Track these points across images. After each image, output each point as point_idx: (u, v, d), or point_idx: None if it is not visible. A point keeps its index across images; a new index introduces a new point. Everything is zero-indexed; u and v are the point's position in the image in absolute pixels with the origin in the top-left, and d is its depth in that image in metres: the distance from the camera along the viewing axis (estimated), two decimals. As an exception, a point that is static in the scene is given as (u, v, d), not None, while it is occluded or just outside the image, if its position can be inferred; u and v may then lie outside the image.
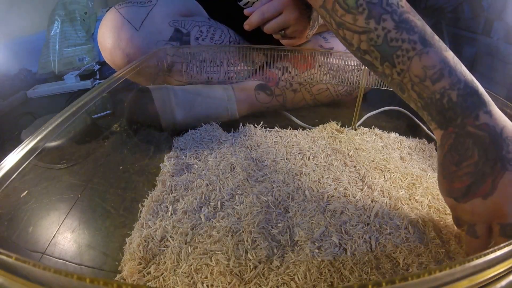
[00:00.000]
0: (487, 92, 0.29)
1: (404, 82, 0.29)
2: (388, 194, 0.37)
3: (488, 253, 0.16)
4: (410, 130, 0.53)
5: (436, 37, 0.30)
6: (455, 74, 0.28)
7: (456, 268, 0.15)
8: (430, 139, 0.51)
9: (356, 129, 0.54)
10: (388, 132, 0.52)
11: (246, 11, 0.48)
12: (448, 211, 0.36)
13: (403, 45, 0.29)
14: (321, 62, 0.51)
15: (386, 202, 0.36)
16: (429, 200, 0.37)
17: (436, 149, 0.49)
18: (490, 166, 0.26)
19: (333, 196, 0.36)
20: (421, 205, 0.36)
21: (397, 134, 0.52)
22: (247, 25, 0.48)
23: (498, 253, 0.16)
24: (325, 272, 0.27)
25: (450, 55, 0.28)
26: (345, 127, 0.54)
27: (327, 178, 0.39)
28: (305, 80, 0.54)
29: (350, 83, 0.52)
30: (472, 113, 0.27)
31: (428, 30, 0.30)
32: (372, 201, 0.36)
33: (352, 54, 0.34)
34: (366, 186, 0.38)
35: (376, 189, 0.37)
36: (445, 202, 0.30)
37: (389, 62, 0.30)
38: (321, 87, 0.56)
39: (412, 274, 0.14)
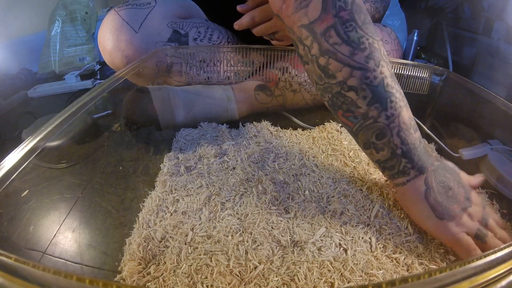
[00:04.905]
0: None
1: (391, 127, 0.31)
2: (388, 194, 0.37)
3: (488, 255, 0.16)
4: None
5: None
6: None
7: (456, 269, 0.15)
8: (430, 139, 0.51)
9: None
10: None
11: (238, 7, 0.48)
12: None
13: (396, 94, 0.31)
14: None
15: (386, 202, 0.36)
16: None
17: (436, 149, 0.49)
18: (454, 172, 0.34)
19: (333, 196, 0.36)
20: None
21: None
22: (237, 25, 0.48)
23: (499, 254, 0.16)
24: (325, 273, 0.27)
25: None
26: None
27: (327, 178, 0.39)
28: (305, 80, 0.54)
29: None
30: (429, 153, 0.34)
31: None
32: (372, 202, 0.36)
33: (323, 85, 0.33)
34: (366, 187, 0.38)
35: (376, 190, 0.37)
36: (456, 236, 0.30)
37: (380, 104, 0.30)
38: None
39: (412, 275, 0.14)
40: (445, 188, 0.32)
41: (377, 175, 0.40)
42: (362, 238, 0.31)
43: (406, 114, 0.31)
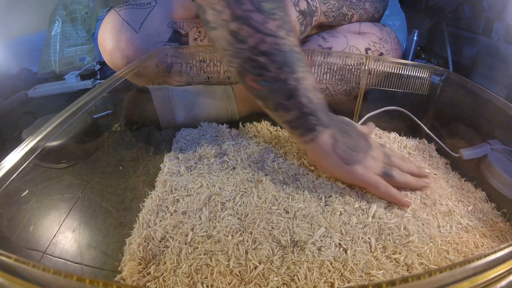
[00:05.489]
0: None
1: (299, 88, 0.34)
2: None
3: (488, 255, 0.16)
4: (411, 130, 0.53)
5: None
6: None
7: (456, 269, 0.15)
8: (430, 139, 0.51)
9: (356, 129, 0.54)
10: (388, 132, 0.52)
11: None
12: (442, 208, 0.36)
13: (303, 60, 0.35)
14: (320, 61, 0.51)
15: (384, 202, 0.36)
16: (427, 199, 0.37)
17: (436, 149, 0.49)
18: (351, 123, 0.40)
19: (330, 196, 0.36)
20: (420, 205, 0.36)
21: (397, 134, 0.52)
22: None
23: (499, 254, 0.16)
24: (325, 273, 0.27)
25: None
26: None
27: (324, 178, 0.39)
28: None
29: (350, 83, 0.52)
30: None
31: None
32: (368, 202, 0.36)
33: (232, 51, 0.34)
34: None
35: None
36: (364, 176, 0.35)
37: (290, 67, 0.33)
38: (321, 87, 0.56)
39: (412, 275, 0.14)
40: (347, 138, 0.36)
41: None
42: (362, 238, 0.31)
43: (311, 78, 0.35)
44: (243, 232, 0.32)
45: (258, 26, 0.32)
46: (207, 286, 0.27)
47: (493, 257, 0.16)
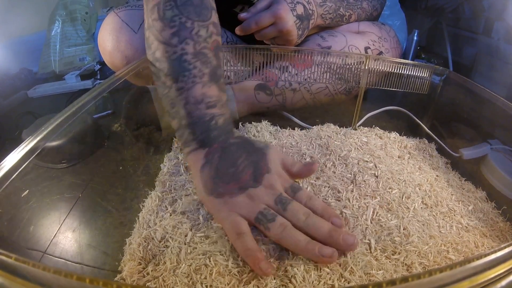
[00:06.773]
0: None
1: (179, 99, 0.33)
2: (383, 195, 0.37)
3: (488, 254, 0.16)
4: (411, 130, 0.53)
5: (222, 80, 0.36)
6: (225, 107, 0.35)
7: (456, 269, 0.15)
8: (430, 139, 0.51)
9: (356, 129, 0.54)
10: (388, 132, 0.52)
11: (240, 16, 0.49)
12: (442, 208, 0.36)
13: (193, 70, 0.33)
14: (319, 61, 0.51)
15: (382, 203, 0.36)
16: (427, 199, 0.37)
17: (437, 149, 0.49)
18: (257, 154, 0.33)
19: (329, 198, 0.36)
20: (420, 206, 0.36)
21: (397, 134, 0.52)
22: (239, 31, 0.49)
23: (499, 253, 0.16)
24: (324, 275, 0.27)
25: (225, 97, 0.36)
26: (344, 127, 0.54)
27: (322, 181, 0.39)
28: (304, 79, 0.54)
29: (349, 82, 0.52)
30: (231, 132, 0.35)
31: (219, 72, 0.35)
32: (366, 203, 0.35)
33: (148, 55, 0.37)
34: (361, 187, 0.38)
35: (369, 192, 0.37)
36: (220, 214, 0.30)
37: (173, 76, 0.33)
38: (320, 86, 0.56)
39: (412, 275, 0.14)
40: (228, 165, 0.31)
41: (372, 176, 0.40)
42: (361, 239, 0.31)
43: (199, 90, 0.33)
44: (243, 232, 0.32)
45: (157, 34, 0.34)
46: (206, 286, 0.27)
47: (493, 257, 0.16)
